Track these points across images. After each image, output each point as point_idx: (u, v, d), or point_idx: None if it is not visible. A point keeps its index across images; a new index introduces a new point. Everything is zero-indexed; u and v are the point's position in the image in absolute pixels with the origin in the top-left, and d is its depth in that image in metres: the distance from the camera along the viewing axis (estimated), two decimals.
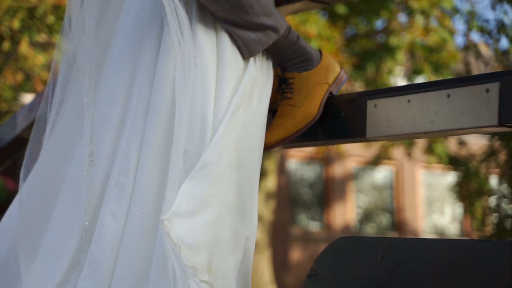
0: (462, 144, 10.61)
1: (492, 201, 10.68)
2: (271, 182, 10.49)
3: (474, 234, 13.39)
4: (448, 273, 1.25)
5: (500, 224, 10.25)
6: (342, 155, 12.04)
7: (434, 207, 16.67)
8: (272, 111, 1.71)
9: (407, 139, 2.09)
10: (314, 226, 15.36)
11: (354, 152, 14.37)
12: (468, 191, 10.60)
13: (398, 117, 1.59)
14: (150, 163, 1.48)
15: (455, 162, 10.58)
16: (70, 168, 1.57)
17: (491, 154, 10.19)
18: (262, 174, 1.73)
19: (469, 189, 10.57)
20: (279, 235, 13.92)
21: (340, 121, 1.71)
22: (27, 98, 9.23)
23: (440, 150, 10.42)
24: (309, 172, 15.56)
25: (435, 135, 1.60)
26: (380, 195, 16.26)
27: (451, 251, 1.26)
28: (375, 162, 11.64)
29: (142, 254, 1.44)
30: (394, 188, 16.22)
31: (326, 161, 15.16)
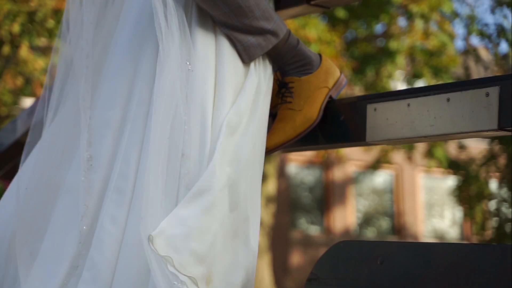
0: (462, 148, 10.62)
1: (492, 205, 10.68)
2: (271, 186, 10.49)
3: (474, 238, 13.39)
4: (448, 277, 1.25)
5: (500, 228, 10.25)
6: (342, 159, 12.04)
7: (434, 211, 16.67)
8: (272, 115, 1.71)
9: (407, 143, 2.09)
10: (314, 230, 15.35)
11: (354, 156, 14.38)
12: (468, 195, 10.60)
13: (398, 121, 1.59)
14: (149, 168, 1.48)
15: (455, 166, 10.58)
16: (69, 172, 1.56)
17: (491, 158, 10.20)
18: (262, 178, 1.72)
19: (469, 193, 10.57)
20: (279, 239, 13.91)
21: (340, 125, 1.71)
22: (27, 102, 9.24)
23: (440, 154, 10.42)
24: (309, 176, 15.56)
25: (435, 139, 1.60)
26: (380, 199, 16.26)
27: (451, 255, 1.26)
28: (375, 166, 11.65)
29: (142, 259, 1.43)
30: (394, 192, 16.22)
31: (326, 165, 15.16)
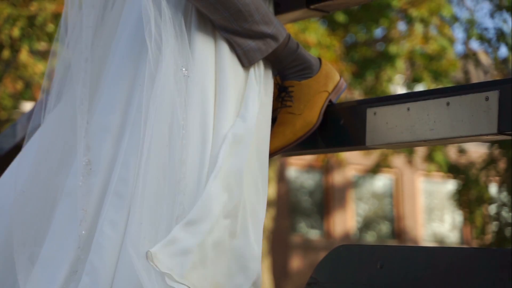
0: (462, 152, 10.62)
1: (492, 209, 10.67)
2: (271, 190, 10.49)
3: (474, 242, 13.38)
4: (448, 281, 1.25)
5: (500, 232, 10.24)
6: (342, 163, 12.04)
7: (434, 215, 16.66)
8: (272, 119, 1.71)
9: (407, 147, 2.09)
10: (314, 234, 15.34)
11: (354, 160, 14.38)
12: (468, 199, 10.60)
13: (398, 125, 1.59)
14: (149, 173, 1.47)
15: (454, 170, 10.59)
16: (69, 176, 1.56)
17: (490, 162, 10.20)
18: None
19: (469, 197, 10.57)
20: (279, 243, 13.90)
21: (339, 129, 1.71)
22: (27, 107, 9.24)
23: (440, 158, 10.42)
24: (308, 180, 15.55)
25: (435, 143, 1.60)
26: (380, 203, 16.25)
27: (451, 259, 1.26)
28: (375, 170, 11.65)
29: (142, 264, 1.42)
30: (394, 196, 16.21)
31: (326, 169, 15.16)
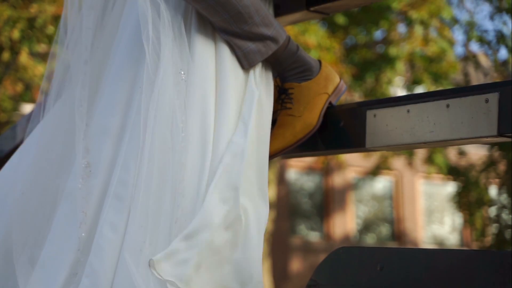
0: (462, 154, 10.62)
1: (492, 211, 10.67)
2: (271, 192, 10.49)
3: (474, 244, 13.38)
4: (448, 283, 1.25)
5: (500, 234, 10.24)
6: (342, 165, 12.04)
7: (434, 217, 16.66)
8: (272, 121, 1.71)
9: (407, 149, 2.09)
10: (314, 236, 15.34)
11: (354, 162, 14.37)
12: (468, 201, 10.60)
13: (398, 127, 1.59)
14: (149, 176, 1.47)
15: (454, 172, 10.59)
16: (69, 179, 1.56)
17: (490, 164, 10.20)
18: None
19: (469, 199, 10.57)
20: (278, 245, 13.90)
21: (339, 131, 1.71)
22: (27, 109, 9.24)
23: (440, 160, 10.42)
24: (308, 182, 15.55)
25: (435, 145, 1.60)
26: (380, 205, 16.25)
27: (451, 261, 1.26)
28: (375, 172, 11.65)
29: (142, 268, 1.42)
30: (394, 198, 16.21)
31: (326, 171, 15.16)
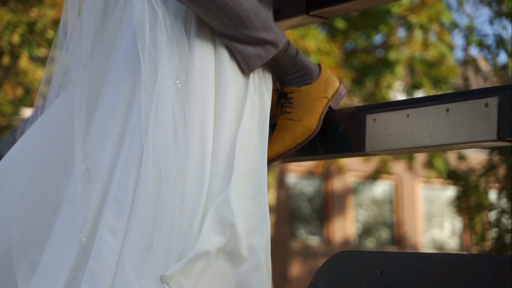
0: (462, 158, 10.62)
1: (492, 215, 10.67)
2: (271, 197, 10.48)
3: (474, 249, 13.37)
4: (447, 287, 1.25)
5: (499, 238, 10.23)
6: (342, 170, 12.04)
7: (434, 222, 16.65)
8: (271, 125, 1.71)
9: (406, 154, 2.09)
10: (314, 240, 15.33)
11: (354, 167, 14.37)
12: (468, 206, 10.60)
13: (397, 131, 1.59)
14: (149, 181, 1.47)
15: (454, 177, 10.58)
16: (70, 184, 1.56)
17: (490, 168, 10.20)
18: None
19: (468, 203, 10.56)
20: (278, 250, 13.89)
21: (339, 135, 1.71)
22: (27, 113, 9.24)
23: (440, 164, 10.42)
24: (308, 187, 15.55)
25: (434, 150, 1.60)
26: (380, 209, 16.24)
27: (450, 265, 1.26)
28: (375, 176, 11.64)
29: (141, 272, 1.42)
30: (394, 202, 16.20)
31: (326, 175, 15.15)
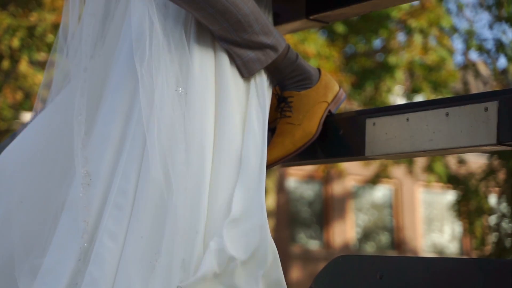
0: (462, 162, 10.62)
1: (492, 220, 10.66)
2: (270, 201, 10.48)
3: (474, 253, 13.36)
4: None
5: (499, 243, 10.23)
6: (342, 174, 12.04)
7: (434, 226, 16.64)
8: (271, 130, 1.71)
9: (406, 158, 2.10)
10: (314, 245, 15.32)
11: (353, 171, 14.37)
12: (468, 210, 10.59)
13: (397, 135, 1.59)
14: (149, 186, 1.47)
15: (454, 181, 10.58)
16: (72, 188, 1.55)
17: (490, 172, 10.20)
18: None
19: (468, 207, 10.56)
20: (278, 254, 13.86)
21: (339, 139, 1.71)
22: (27, 117, 9.24)
23: (440, 168, 10.42)
24: (308, 191, 15.54)
25: (434, 154, 1.60)
26: (380, 213, 16.24)
27: (450, 270, 1.26)
28: (374, 180, 11.64)
29: (142, 278, 1.42)
30: (394, 206, 16.20)
31: (326, 179, 15.15)
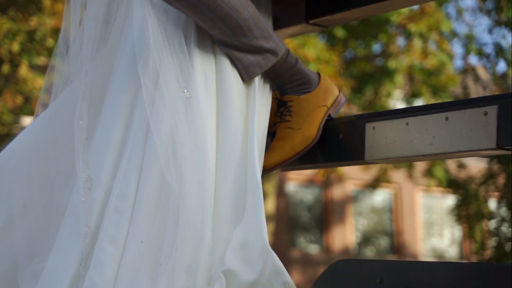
0: (461, 167, 10.61)
1: (492, 224, 10.66)
2: (270, 205, 10.48)
3: (474, 257, 13.35)
4: None
5: (499, 247, 10.22)
6: (341, 178, 12.04)
7: (433, 230, 16.63)
8: (271, 134, 1.72)
9: (406, 162, 2.10)
10: (313, 249, 15.31)
11: (353, 175, 14.37)
12: (468, 214, 10.59)
13: (397, 139, 1.59)
14: (149, 190, 1.47)
15: (454, 185, 10.58)
16: (73, 193, 1.55)
17: (490, 177, 10.19)
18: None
19: (468, 212, 10.55)
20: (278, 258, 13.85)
21: (338, 143, 1.71)
22: (27, 121, 9.24)
23: (439, 173, 10.41)
24: (308, 195, 15.54)
25: (434, 158, 1.60)
26: (379, 218, 16.23)
27: (450, 274, 1.26)
28: (374, 185, 11.63)
29: (142, 282, 1.42)
30: (393, 211, 16.19)
31: (325, 184, 15.15)
